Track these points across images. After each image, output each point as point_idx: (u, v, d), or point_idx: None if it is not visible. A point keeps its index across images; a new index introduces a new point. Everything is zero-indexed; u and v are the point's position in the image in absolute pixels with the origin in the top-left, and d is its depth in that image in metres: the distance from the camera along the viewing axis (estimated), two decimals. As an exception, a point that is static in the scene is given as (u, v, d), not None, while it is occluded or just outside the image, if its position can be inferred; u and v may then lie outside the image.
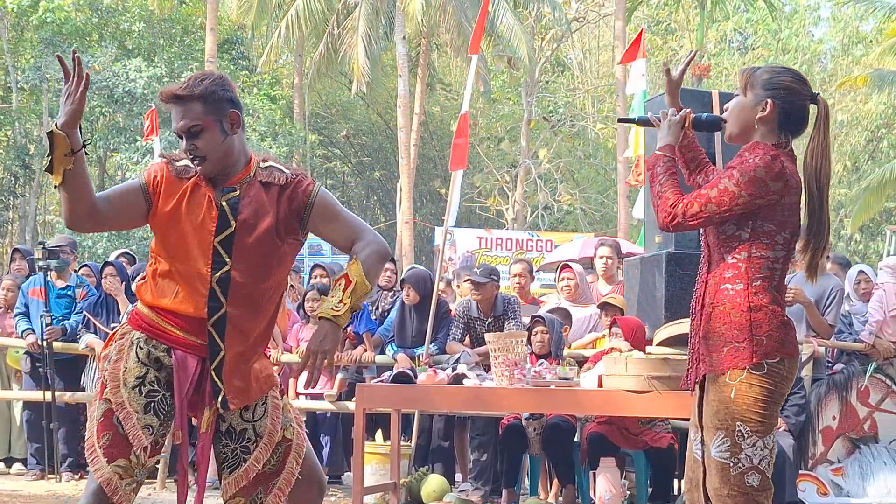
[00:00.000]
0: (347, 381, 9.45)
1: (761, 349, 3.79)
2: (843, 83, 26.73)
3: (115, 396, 3.78)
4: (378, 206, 39.29)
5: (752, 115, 3.97)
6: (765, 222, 3.85)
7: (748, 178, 3.81)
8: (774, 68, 4.05)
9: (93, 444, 3.77)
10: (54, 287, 10.01)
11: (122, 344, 3.88)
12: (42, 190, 34.00)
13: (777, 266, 3.88)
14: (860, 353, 8.66)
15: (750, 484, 3.82)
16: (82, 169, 3.73)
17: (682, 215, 3.90)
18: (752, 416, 3.80)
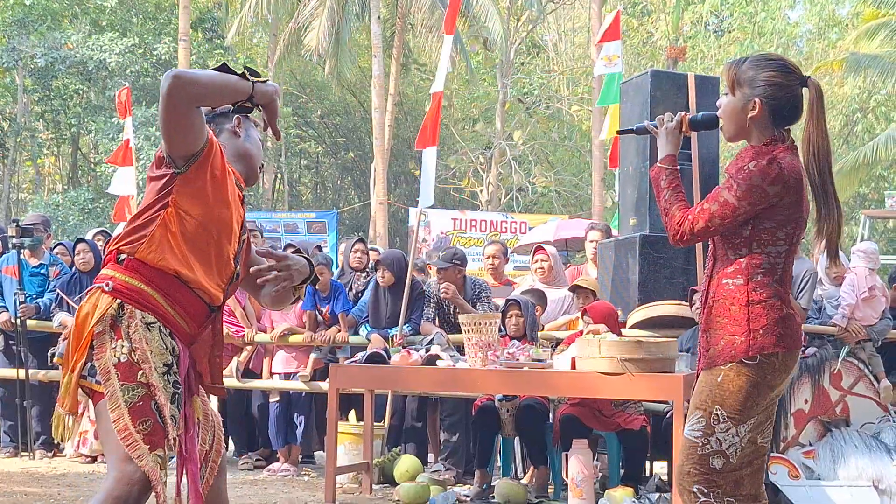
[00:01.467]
0: (321, 360, 9.44)
1: (757, 343, 3.83)
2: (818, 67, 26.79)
3: (153, 380, 3.57)
4: (352, 186, 39.24)
5: (744, 115, 3.96)
6: (765, 220, 3.88)
7: (745, 187, 3.83)
8: (759, 62, 4.00)
9: (128, 429, 3.51)
10: (27, 265, 9.99)
11: (136, 323, 3.62)
12: (15, 167, 33.83)
13: (779, 260, 3.92)
14: (833, 337, 8.70)
15: (713, 466, 3.88)
16: None
17: (690, 232, 3.95)
18: (731, 402, 3.85)
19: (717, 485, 3.89)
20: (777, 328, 3.86)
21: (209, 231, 3.73)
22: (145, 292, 3.66)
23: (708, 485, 3.89)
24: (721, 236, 3.97)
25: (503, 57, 30.17)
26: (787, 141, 3.96)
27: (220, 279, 3.82)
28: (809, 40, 33.96)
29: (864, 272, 8.94)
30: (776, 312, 3.87)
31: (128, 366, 3.57)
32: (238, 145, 4.00)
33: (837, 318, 8.71)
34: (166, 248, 3.67)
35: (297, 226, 23.86)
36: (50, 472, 8.92)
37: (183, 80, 3.49)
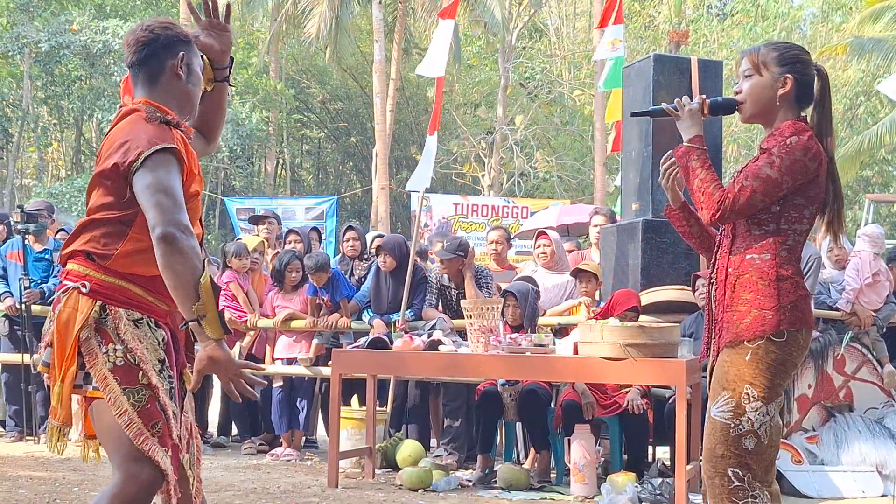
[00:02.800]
0: (324, 346, 9.45)
1: (786, 318, 3.84)
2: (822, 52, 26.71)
3: (155, 381, 3.52)
4: (354, 171, 39.21)
5: (773, 93, 3.98)
6: (796, 196, 3.89)
7: (789, 162, 3.84)
8: (779, 45, 4.05)
9: (142, 433, 3.45)
10: (32, 250, 10.01)
11: (123, 324, 3.53)
12: (19, 153, 33.82)
13: (800, 238, 3.94)
14: (837, 322, 8.70)
15: (746, 447, 3.85)
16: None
17: (731, 210, 3.91)
18: (762, 381, 3.84)
19: (751, 468, 3.86)
20: (802, 305, 3.88)
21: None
22: (125, 288, 3.58)
23: (742, 468, 3.86)
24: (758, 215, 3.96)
25: (505, 41, 30.12)
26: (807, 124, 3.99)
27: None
28: (813, 23, 33.86)
29: (869, 256, 8.93)
30: (802, 290, 3.91)
31: (126, 369, 3.50)
32: (181, 88, 3.73)
33: (841, 302, 8.71)
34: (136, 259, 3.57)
35: (295, 212, 23.85)
36: (55, 457, 8.93)
37: (174, 252, 3.35)
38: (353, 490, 7.66)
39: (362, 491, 7.63)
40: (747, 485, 3.86)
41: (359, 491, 7.63)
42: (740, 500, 3.86)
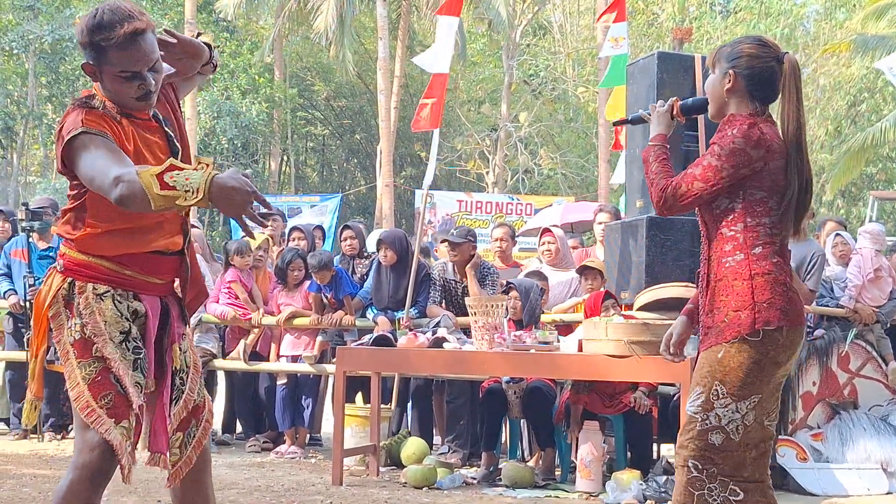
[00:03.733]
0: (328, 343, 9.45)
1: (762, 316, 3.82)
2: (826, 49, 26.68)
3: (108, 352, 3.57)
4: (358, 169, 39.20)
5: (721, 89, 4.02)
6: (755, 190, 3.89)
7: (728, 150, 3.85)
8: (736, 39, 4.11)
9: (89, 405, 3.52)
10: (36, 248, 10.00)
11: (86, 297, 3.61)
12: (24, 151, 33.85)
13: (776, 231, 3.92)
14: (841, 319, 8.69)
15: (711, 442, 3.86)
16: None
17: (673, 197, 3.94)
18: (733, 378, 3.83)
19: (714, 462, 3.87)
20: (781, 301, 3.85)
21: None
22: (94, 264, 3.65)
23: (703, 461, 3.87)
24: (712, 215, 3.97)
25: (509, 38, 30.10)
26: (765, 115, 4.00)
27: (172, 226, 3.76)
28: (816, 20, 33.80)
29: (871, 253, 8.92)
30: (780, 286, 3.86)
31: (82, 342, 3.58)
32: (101, 89, 3.73)
33: (844, 299, 8.70)
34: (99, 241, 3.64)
35: (300, 210, 23.88)
36: (59, 454, 8.94)
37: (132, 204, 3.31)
38: (358, 488, 7.66)
39: (366, 489, 7.63)
40: (706, 477, 3.87)
41: (363, 489, 7.63)
42: (696, 490, 3.88)
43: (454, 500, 7.26)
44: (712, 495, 3.86)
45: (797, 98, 3.96)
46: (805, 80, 32.43)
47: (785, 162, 3.90)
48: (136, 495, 6.96)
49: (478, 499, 7.38)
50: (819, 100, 31.34)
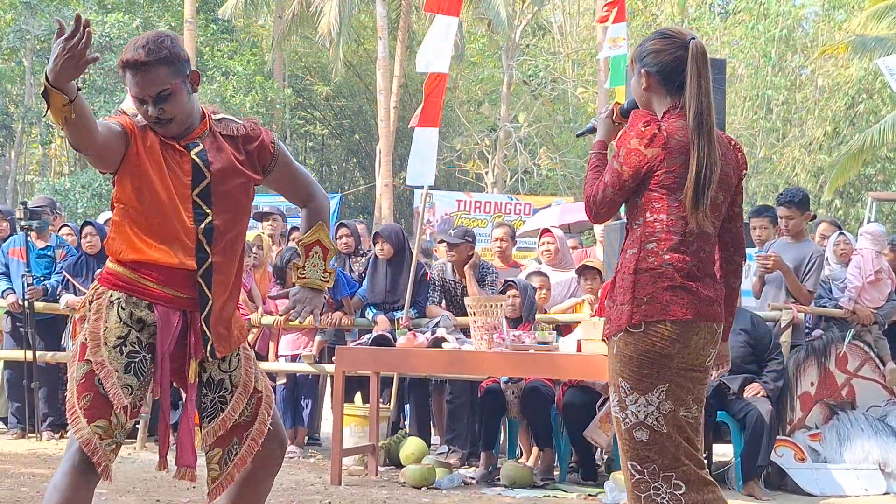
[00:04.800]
0: (326, 343, 9.45)
1: (640, 311, 3.83)
2: (824, 51, 26.69)
3: (95, 356, 3.74)
4: (358, 168, 39.21)
5: (640, 89, 4.06)
6: (654, 188, 3.89)
7: (625, 151, 3.88)
8: (645, 38, 4.11)
9: (73, 405, 3.73)
10: (34, 247, 10.01)
11: (99, 304, 3.83)
12: (22, 150, 33.83)
13: (674, 228, 3.88)
14: (839, 320, 8.70)
15: (639, 439, 3.86)
16: (83, 113, 3.60)
17: (595, 204, 3.98)
18: (629, 373, 3.85)
19: (650, 459, 3.85)
20: (664, 297, 3.82)
21: (148, 210, 3.85)
22: (117, 272, 3.87)
23: (640, 461, 3.87)
24: (627, 209, 4.01)
25: (508, 39, 30.10)
26: (680, 109, 3.96)
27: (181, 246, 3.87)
28: (815, 21, 33.82)
29: (871, 254, 8.92)
30: (665, 281, 3.84)
31: (83, 346, 3.80)
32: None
33: (844, 300, 8.70)
34: (120, 243, 3.88)
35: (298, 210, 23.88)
36: (57, 454, 8.94)
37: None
38: (357, 487, 7.66)
39: (365, 488, 7.64)
40: (648, 477, 3.86)
41: (362, 488, 7.63)
42: (642, 493, 3.87)
43: (453, 500, 7.26)
44: (659, 493, 3.85)
45: (699, 83, 3.90)
46: (804, 80, 32.49)
47: (684, 158, 3.86)
48: (135, 495, 6.96)
49: (476, 498, 7.39)
50: (818, 101, 31.34)
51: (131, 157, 3.83)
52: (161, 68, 3.80)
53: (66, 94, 3.50)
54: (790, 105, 31.84)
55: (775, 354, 8.06)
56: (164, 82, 3.80)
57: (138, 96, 3.83)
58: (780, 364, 8.04)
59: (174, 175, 3.88)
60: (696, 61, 3.91)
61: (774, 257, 8.30)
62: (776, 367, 8.00)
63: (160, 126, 3.87)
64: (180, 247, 3.87)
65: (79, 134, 3.63)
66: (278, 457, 4.16)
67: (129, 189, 3.85)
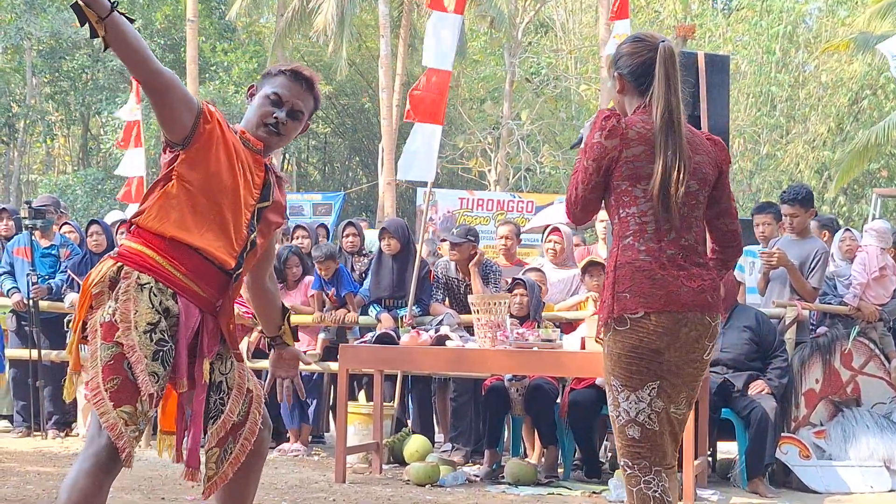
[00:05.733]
0: (328, 340, 9.44)
1: (621, 304, 3.87)
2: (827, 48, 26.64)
3: (126, 339, 3.65)
4: (360, 167, 39.21)
5: (616, 94, 4.14)
6: (619, 181, 3.93)
7: (587, 146, 3.95)
8: (619, 44, 4.19)
9: (97, 387, 3.62)
10: (39, 246, 10.02)
11: (128, 284, 3.73)
12: (26, 149, 33.85)
13: (646, 219, 3.91)
14: (844, 316, 8.69)
15: (631, 436, 3.91)
16: (119, 33, 3.59)
17: (572, 205, 4.04)
18: (619, 370, 3.89)
19: (641, 455, 3.92)
20: (643, 288, 3.85)
21: (211, 197, 3.84)
22: (144, 254, 3.78)
23: (632, 457, 3.93)
24: (607, 210, 4.06)
25: (511, 36, 30.09)
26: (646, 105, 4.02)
27: (228, 244, 3.88)
28: (818, 18, 33.78)
29: (876, 251, 8.92)
30: (642, 273, 3.87)
31: (109, 325, 3.68)
32: (248, 111, 4.10)
33: (849, 297, 8.70)
34: (164, 214, 3.81)
35: (302, 208, 23.88)
36: (62, 452, 8.96)
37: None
38: (361, 485, 7.67)
39: (370, 486, 7.64)
40: (639, 472, 3.92)
41: (366, 486, 7.64)
42: (634, 486, 3.94)
43: (457, 498, 7.27)
44: (650, 486, 3.92)
45: (667, 83, 3.96)
46: (807, 77, 32.45)
47: (645, 148, 3.90)
48: (140, 493, 6.97)
49: (481, 496, 7.39)
50: (821, 97, 31.30)
51: (211, 139, 3.85)
52: (311, 98, 4.19)
53: (95, 10, 3.52)
54: (794, 101, 31.80)
55: (780, 351, 8.06)
56: (305, 106, 4.14)
57: (282, 97, 4.05)
58: (784, 361, 8.04)
59: (246, 180, 3.93)
60: (664, 62, 3.97)
61: (779, 254, 8.29)
62: (781, 365, 8.00)
63: (270, 132, 4.03)
64: (227, 245, 3.87)
65: (122, 52, 3.64)
66: (267, 439, 4.14)
67: (200, 170, 3.84)
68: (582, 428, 8.01)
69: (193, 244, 3.80)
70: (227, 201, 3.87)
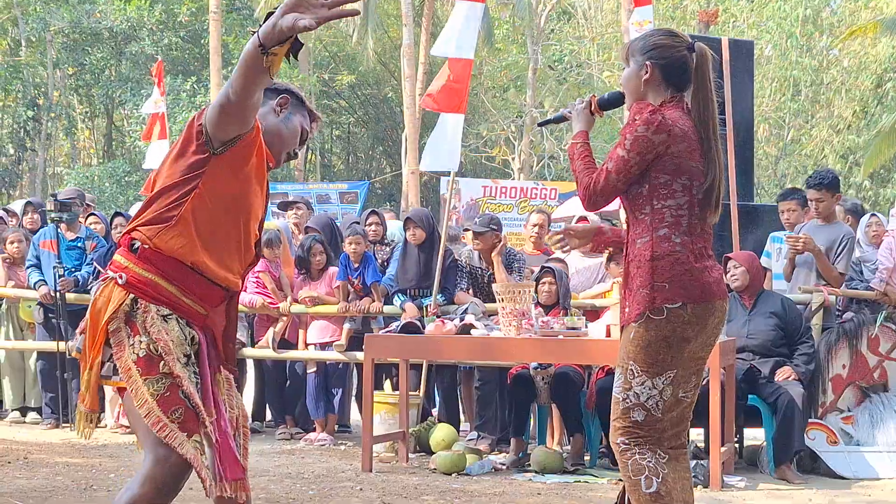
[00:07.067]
0: (351, 330, 9.44)
1: (661, 295, 3.99)
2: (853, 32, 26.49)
3: (176, 369, 3.54)
4: (384, 156, 39.21)
5: (639, 81, 4.18)
6: (659, 174, 4.05)
7: (632, 139, 4.02)
8: (647, 33, 4.30)
9: (160, 420, 3.48)
10: (64, 239, 10.07)
11: (151, 317, 3.59)
12: (50, 142, 33.98)
13: (682, 213, 4.06)
14: (871, 301, 8.64)
15: (634, 419, 4.07)
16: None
17: (594, 192, 4.13)
18: (643, 357, 4.02)
19: (640, 436, 4.07)
20: (682, 280, 4.00)
21: (236, 216, 3.71)
22: (159, 285, 3.64)
23: (629, 436, 4.08)
24: (627, 200, 4.14)
25: (533, 24, 30.02)
26: (677, 100, 4.15)
27: (240, 266, 3.81)
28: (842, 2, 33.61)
29: (903, 236, 8.86)
30: (681, 266, 4.01)
31: (147, 360, 3.55)
32: (272, 123, 3.87)
33: (875, 282, 8.64)
34: (186, 236, 3.62)
35: (328, 197, 23.93)
36: (91, 443, 8.99)
37: (231, 86, 3.40)
38: (387, 474, 7.68)
39: (396, 475, 7.66)
40: (634, 446, 4.06)
41: (393, 475, 7.65)
42: (628, 459, 4.07)
43: (483, 486, 7.27)
44: (645, 457, 4.05)
45: (706, 86, 4.11)
46: (831, 60, 32.29)
47: (687, 144, 4.03)
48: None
49: (507, 484, 7.39)
50: (845, 80, 31.15)
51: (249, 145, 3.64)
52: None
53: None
54: (818, 86, 31.67)
55: (806, 337, 8.03)
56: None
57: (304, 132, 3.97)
58: (811, 347, 8.01)
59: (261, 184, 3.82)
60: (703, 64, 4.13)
61: (805, 238, 8.26)
62: (807, 351, 7.97)
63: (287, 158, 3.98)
64: (238, 263, 3.80)
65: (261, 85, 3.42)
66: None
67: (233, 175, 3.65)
68: (608, 416, 7.97)
69: (209, 271, 3.68)
70: (251, 220, 3.78)
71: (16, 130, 32.93)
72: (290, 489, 6.95)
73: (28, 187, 34.03)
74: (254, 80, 3.34)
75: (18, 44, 32.46)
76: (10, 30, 32.78)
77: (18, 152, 33.71)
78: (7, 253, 10.48)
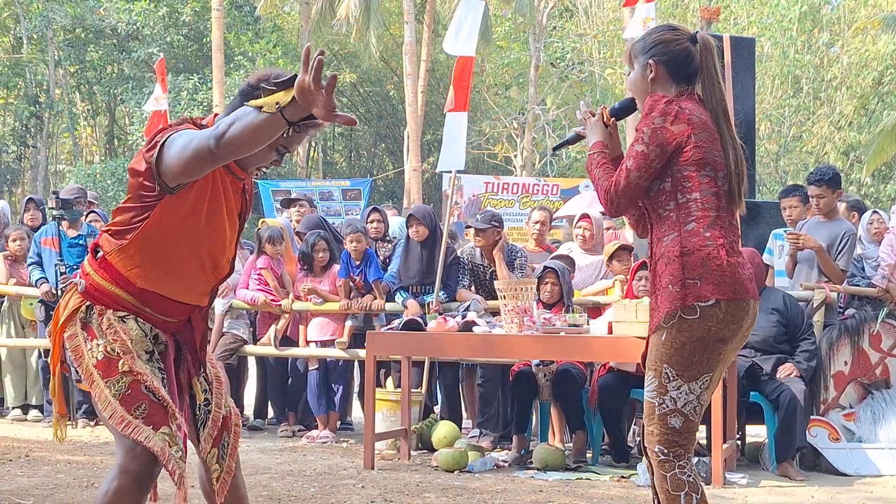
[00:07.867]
0: (353, 328, 9.44)
1: (693, 292, 3.83)
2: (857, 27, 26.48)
3: (135, 366, 3.56)
4: (386, 154, 39.22)
5: (645, 83, 4.08)
6: (682, 167, 3.91)
7: (651, 131, 3.90)
8: (646, 32, 4.21)
9: (124, 419, 3.52)
10: (66, 236, 10.06)
11: (107, 320, 3.62)
12: (52, 140, 33.99)
13: (709, 205, 3.91)
14: (872, 298, 8.64)
15: (672, 425, 3.89)
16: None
17: (616, 194, 3.98)
18: (677, 359, 3.85)
19: (678, 444, 3.90)
20: (714, 276, 3.84)
21: (195, 247, 3.69)
22: (115, 294, 3.67)
23: (668, 445, 3.90)
24: (649, 199, 4.00)
25: (535, 21, 30.01)
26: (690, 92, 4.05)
27: (206, 285, 3.81)
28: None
29: (904, 233, 8.86)
30: (712, 260, 3.85)
31: (106, 362, 3.58)
32: None
33: (877, 279, 8.65)
34: (133, 263, 3.64)
35: (331, 194, 23.90)
36: (93, 441, 9.00)
37: (225, 145, 3.30)
38: (389, 472, 7.68)
39: (398, 472, 7.66)
40: (673, 458, 3.89)
41: (395, 472, 7.65)
42: (668, 472, 3.90)
43: (485, 484, 7.26)
44: (684, 471, 3.89)
45: (715, 73, 4.03)
46: (832, 58, 32.26)
47: (708, 134, 3.93)
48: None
49: (509, 481, 7.39)
50: (846, 77, 31.13)
51: (204, 189, 3.63)
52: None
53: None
54: (818, 83, 31.65)
55: (808, 334, 8.03)
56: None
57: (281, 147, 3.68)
58: (812, 344, 8.01)
59: (229, 208, 3.76)
60: (708, 53, 4.03)
61: (804, 236, 8.26)
62: (809, 347, 7.96)
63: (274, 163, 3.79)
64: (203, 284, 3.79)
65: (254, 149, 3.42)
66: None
67: (185, 210, 3.61)
68: (610, 412, 8.00)
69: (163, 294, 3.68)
70: (210, 245, 3.73)
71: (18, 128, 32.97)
72: (291, 486, 6.95)
73: (30, 185, 34.04)
74: (262, 142, 3.34)
75: (20, 41, 32.46)
76: (12, 27, 32.78)
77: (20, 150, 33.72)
78: (9, 250, 10.49)
